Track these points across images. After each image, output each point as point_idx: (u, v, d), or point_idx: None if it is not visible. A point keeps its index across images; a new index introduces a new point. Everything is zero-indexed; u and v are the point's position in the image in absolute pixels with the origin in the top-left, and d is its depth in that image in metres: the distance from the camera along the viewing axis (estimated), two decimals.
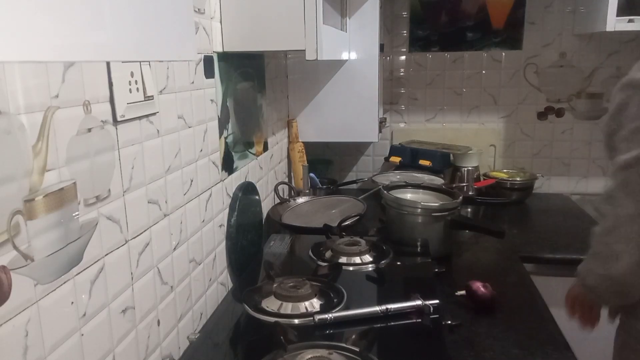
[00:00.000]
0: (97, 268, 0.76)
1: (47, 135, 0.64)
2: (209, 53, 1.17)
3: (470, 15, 2.28)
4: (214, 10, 1.19)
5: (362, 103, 1.95)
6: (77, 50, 0.69)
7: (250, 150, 1.48)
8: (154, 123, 0.91)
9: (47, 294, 0.65)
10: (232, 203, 1.31)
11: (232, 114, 1.31)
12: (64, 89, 0.67)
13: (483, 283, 1.28)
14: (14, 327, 0.60)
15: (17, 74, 0.59)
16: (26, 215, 0.61)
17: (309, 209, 1.75)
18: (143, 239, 0.89)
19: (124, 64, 0.81)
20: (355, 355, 0.86)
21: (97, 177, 0.75)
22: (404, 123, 2.44)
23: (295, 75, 1.97)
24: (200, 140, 1.13)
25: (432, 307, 1.01)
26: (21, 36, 0.59)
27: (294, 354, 0.86)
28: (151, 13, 0.88)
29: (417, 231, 1.50)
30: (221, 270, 1.27)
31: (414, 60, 2.37)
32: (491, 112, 2.36)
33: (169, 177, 0.98)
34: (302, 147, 1.98)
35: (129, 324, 0.85)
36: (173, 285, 1.01)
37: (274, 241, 1.46)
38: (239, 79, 1.36)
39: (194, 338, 0.98)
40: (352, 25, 1.89)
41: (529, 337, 1.14)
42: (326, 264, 1.25)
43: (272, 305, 1.05)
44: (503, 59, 2.30)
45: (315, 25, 1.18)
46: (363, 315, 1.01)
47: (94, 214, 0.75)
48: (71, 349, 0.70)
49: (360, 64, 1.93)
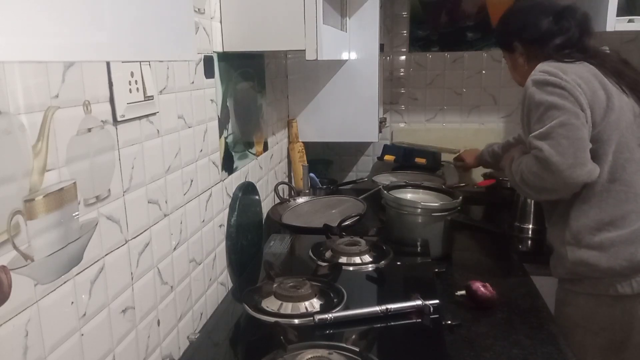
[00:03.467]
0: (97, 268, 0.76)
1: (47, 135, 0.64)
2: (209, 53, 1.17)
3: (470, 15, 2.28)
4: (214, 10, 1.19)
5: (362, 103, 1.95)
6: (77, 50, 0.69)
7: (250, 150, 1.48)
8: (154, 123, 0.91)
9: (47, 294, 0.65)
10: (232, 203, 1.31)
11: (232, 114, 1.31)
12: (64, 89, 0.67)
13: (483, 283, 1.28)
14: (14, 327, 0.60)
15: (17, 74, 0.59)
16: (26, 215, 0.61)
17: (309, 209, 1.75)
18: (143, 239, 0.89)
19: (124, 64, 0.81)
20: (355, 355, 0.86)
21: (97, 177, 0.75)
22: (404, 123, 2.44)
23: (295, 75, 1.97)
24: (200, 140, 1.13)
25: (432, 307, 1.01)
26: (21, 36, 0.59)
27: (294, 354, 0.86)
28: (151, 13, 0.88)
29: (417, 231, 1.50)
30: (221, 270, 1.27)
31: (414, 60, 2.37)
32: (491, 112, 2.36)
33: (169, 177, 0.98)
34: (302, 147, 1.98)
35: (129, 324, 0.85)
36: (173, 285, 1.01)
37: (274, 241, 1.46)
38: (239, 79, 1.36)
39: (194, 338, 0.98)
40: (352, 25, 1.89)
41: (529, 337, 1.14)
42: (326, 264, 1.25)
43: (272, 305, 1.05)
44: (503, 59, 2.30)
45: (315, 25, 1.18)
46: (363, 315, 1.00)
47: (94, 214, 0.75)
48: (71, 349, 0.70)
49: (360, 64, 1.93)
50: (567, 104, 1.22)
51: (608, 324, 1.32)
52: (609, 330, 1.32)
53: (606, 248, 1.28)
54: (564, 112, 1.22)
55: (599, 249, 1.29)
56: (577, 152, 1.20)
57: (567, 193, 1.30)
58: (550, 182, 1.24)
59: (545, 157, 1.21)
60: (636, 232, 1.28)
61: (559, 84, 1.24)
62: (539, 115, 1.25)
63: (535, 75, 1.29)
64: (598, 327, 1.33)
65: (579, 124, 1.21)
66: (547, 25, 1.36)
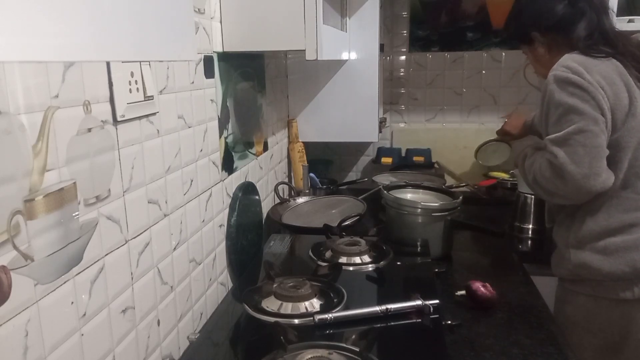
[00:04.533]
0: (97, 268, 0.76)
1: (47, 135, 0.64)
2: (209, 53, 1.17)
3: (470, 15, 2.28)
4: (214, 10, 1.19)
5: (362, 103, 1.95)
6: (77, 50, 0.69)
7: (250, 150, 1.48)
8: (154, 123, 0.91)
9: (47, 294, 0.65)
10: (232, 203, 1.31)
11: (232, 114, 1.31)
12: (64, 89, 0.67)
13: (483, 283, 1.28)
14: (14, 327, 0.60)
15: (17, 74, 0.59)
16: (26, 215, 0.61)
17: (309, 209, 1.75)
18: (143, 239, 0.89)
19: (124, 64, 0.81)
20: (355, 355, 0.86)
21: (97, 177, 0.75)
22: (404, 123, 2.44)
23: (295, 75, 1.97)
24: (200, 140, 1.13)
25: (432, 307, 1.01)
26: (21, 36, 0.59)
27: (294, 354, 0.86)
28: (151, 13, 0.88)
29: (417, 231, 1.50)
30: (221, 270, 1.27)
31: (414, 60, 2.37)
32: (491, 112, 2.36)
33: (169, 177, 0.98)
34: (302, 147, 1.98)
35: (129, 324, 0.85)
36: (173, 285, 1.01)
37: (274, 241, 1.46)
38: (239, 79, 1.36)
39: (194, 338, 0.98)
40: (352, 25, 1.89)
41: (529, 337, 1.14)
42: (326, 264, 1.25)
43: (272, 305, 1.05)
44: (503, 59, 2.30)
45: (315, 25, 1.18)
46: (363, 315, 1.00)
47: (94, 214, 0.75)
48: (71, 349, 0.70)
49: (360, 64, 1.93)
50: (587, 109, 1.19)
51: (606, 325, 1.32)
52: (608, 331, 1.32)
53: (609, 253, 1.28)
54: (584, 117, 1.18)
55: (602, 253, 1.28)
56: (592, 161, 1.17)
57: (579, 201, 1.28)
58: (563, 190, 1.23)
59: (560, 165, 1.19)
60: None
61: (581, 84, 1.20)
62: (558, 117, 1.23)
63: (557, 71, 1.24)
64: (596, 328, 1.33)
65: (598, 130, 1.18)
66: (564, 10, 1.31)
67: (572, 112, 1.20)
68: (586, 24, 1.29)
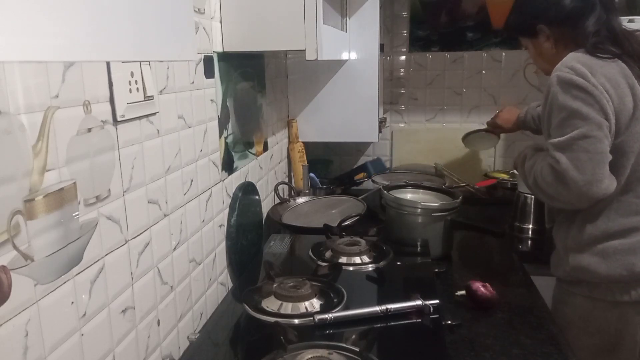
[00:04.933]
0: (97, 268, 0.76)
1: (47, 135, 0.64)
2: (209, 53, 1.17)
3: (470, 15, 2.28)
4: (214, 10, 1.19)
5: (362, 103, 1.95)
6: (77, 50, 0.69)
7: (250, 150, 1.48)
8: (154, 123, 0.91)
9: (47, 294, 0.65)
10: (232, 203, 1.31)
11: (232, 114, 1.31)
12: (64, 89, 0.67)
13: (483, 283, 1.28)
14: (14, 327, 0.60)
15: (17, 74, 0.59)
16: (26, 215, 0.61)
17: (309, 209, 1.75)
18: (143, 239, 0.89)
19: (124, 64, 0.81)
20: (355, 355, 0.86)
21: (97, 177, 0.75)
22: (404, 123, 2.44)
23: (295, 75, 1.97)
24: (200, 140, 1.13)
25: (432, 307, 1.01)
26: (21, 36, 0.59)
27: (294, 354, 0.86)
28: (151, 13, 0.88)
29: (417, 231, 1.50)
30: (221, 270, 1.27)
31: (414, 60, 2.37)
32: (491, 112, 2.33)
33: (169, 177, 0.98)
34: (302, 147, 1.98)
35: (129, 324, 0.85)
36: (173, 285, 1.01)
37: (274, 241, 1.46)
38: (239, 79, 1.36)
39: (194, 338, 0.97)
40: (352, 25, 1.89)
41: (529, 337, 1.14)
42: (326, 264, 1.25)
43: (272, 305, 1.05)
44: (503, 59, 2.30)
45: (315, 25, 1.18)
46: (363, 315, 1.00)
47: (94, 214, 0.75)
48: (71, 349, 0.70)
49: (360, 64, 1.93)
50: (591, 113, 1.16)
51: (603, 326, 1.32)
52: (604, 332, 1.32)
53: (607, 256, 1.27)
54: (587, 122, 1.16)
55: (600, 256, 1.28)
56: (595, 167, 1.16)
57: (580, 206, 1.27)
58: (564, 195, 1.22)
59: (562, 171, 1.18)
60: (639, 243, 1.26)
61: (585, 87, 1.17)
62: (561, 121, 1.20)
63: (560, 71, 1.22)
64: (593, 329, 1.33)
65: (602, 135, 1.16)
66: (573, 2, 1.28)
67: (575, 116, 1.18)
68: (595, 20, 1.26)
